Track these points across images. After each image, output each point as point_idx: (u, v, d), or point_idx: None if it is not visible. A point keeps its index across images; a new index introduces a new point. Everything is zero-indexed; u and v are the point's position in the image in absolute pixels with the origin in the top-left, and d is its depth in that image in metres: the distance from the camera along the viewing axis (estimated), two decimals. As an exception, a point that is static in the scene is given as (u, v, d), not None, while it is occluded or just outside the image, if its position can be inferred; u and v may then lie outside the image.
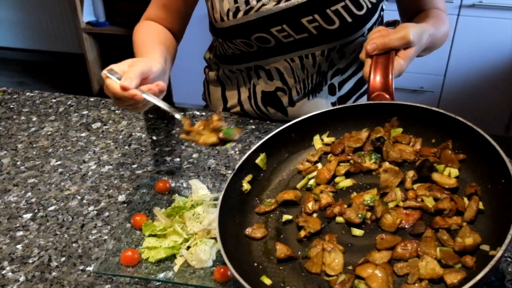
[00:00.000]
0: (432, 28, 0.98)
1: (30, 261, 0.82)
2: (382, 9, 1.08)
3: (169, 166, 1.04)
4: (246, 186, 0.81)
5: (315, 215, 0.76)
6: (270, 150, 0.85)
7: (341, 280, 0.65)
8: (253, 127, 1.18)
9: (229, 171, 1.02)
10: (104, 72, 0.83)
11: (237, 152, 1.08)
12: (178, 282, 0.76)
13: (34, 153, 1.10)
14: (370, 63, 0.89)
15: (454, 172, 0.74)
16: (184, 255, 0.80)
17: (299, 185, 0.83)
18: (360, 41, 1.08)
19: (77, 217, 0.91)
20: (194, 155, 1.08)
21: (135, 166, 1.05)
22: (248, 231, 0.76)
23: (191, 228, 0.83)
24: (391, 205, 0.72)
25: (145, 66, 0.84)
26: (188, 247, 0.81)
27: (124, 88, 0.79)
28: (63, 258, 0.82)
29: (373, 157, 0.80)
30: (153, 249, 0.81)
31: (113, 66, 0.84)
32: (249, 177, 0.82)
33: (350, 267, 0.67)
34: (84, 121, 1.21)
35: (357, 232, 0.71)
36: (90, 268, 0.80)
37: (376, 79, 0.87)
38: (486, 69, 2.62)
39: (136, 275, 0.77)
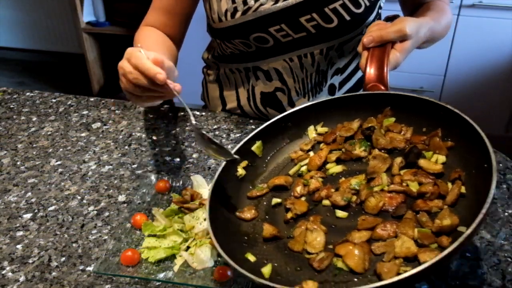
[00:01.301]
0: (431, 21, 0.99)
1: (30, 261, 0.82)
2: (380, 7, 1.09)
3: (169, 166, 1.04)
4: (240, 171, 0.85)
5: (303, 198, 0.79)
6: (268, 138, 0.88)
7: (320, 257, 0.67)
8: (253, 127, 1.18)
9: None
10: (136, 47, 0.81)
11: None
12: (178, 282, 0.76)
13: (34, 153, 1.10)
14: (366, 55, 0.91)
15: (441, 158, 0.76)
16: (185, 257, 0.80)
17: (291, 172, 0.85)
18: (359, 39, 1.08)
19: (77, 217, 0.91)
20: (194, 155, 1.08)
21: (135, 166, 1.05)
22: (238, 212, 0.80)
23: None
24: (376, 189, 0.74)
25: (171, 64, 0.84)
26: (188, 247, 0.82)
27: (158, 63, 0.77)
28: (63, 258, 0.82)
29: (363, 144, 0.82)
30: (153, 249, 0.81)
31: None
32: (244, 163, 0.85)
33: (331, 246, 0.69)
34: (84, 121, 1.22)
35: (341, 214, 0.74)
36: (90, 268, 0.80)
37: (372, 70, 0.89)
38: (486, 69, 2.62)
39: (136, 275, 0.77)
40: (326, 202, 0.77)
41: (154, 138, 1.14)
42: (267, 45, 1.06)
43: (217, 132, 1.16)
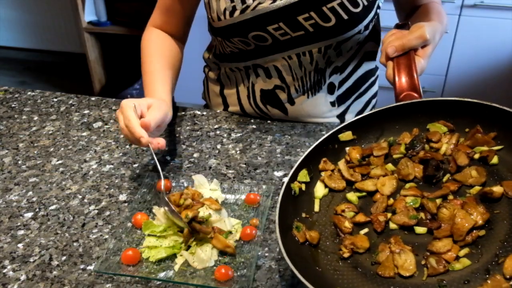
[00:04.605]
0: (439, 25, 1.01)
1: (31, 260, 0.82)
2: (378, 7, 1.09)
3: (170, 166, 1.04)
4: (296, 189, 0.81)
5: (363, 232, 0.76)
6: (313, 163, 0.85)
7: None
8: (254, 126, 1.18)
9: (230, 171, 1.02)
10: (129, 103, 0.90)
11: (238, 152, 1.08)
12: (179, 281, 0.77)
13: (35, 152, 1.10)
14: (392, 65, 0.90)
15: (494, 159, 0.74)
16: (185, 257, 0.80)
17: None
18: (356, 39, 1.08)
19: (78, 216, 0.91)
20: (195, 155, 1.08)
21: (136, 165, 1.05)
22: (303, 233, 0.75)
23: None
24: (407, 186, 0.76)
25: (162, 117, 0.94)
26: (189, 247, 0.82)
27: (145, 127, 0.88)
28: (64, 257, 0.82)
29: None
30: (153, 249, 0.81)
31: (134, 102, 0.91)
32: (297, 184, 0.82)
33: (423, 262, 0.67)
34: (85, 120, 1.22)
35: (421, 229, 0.71)
36: (91, 267, 0.80)
37: (402, 80, 0.87)
38: (487, 69, 2.62)
39: (137, 274, 0.77)
40: (393, 226, 0.74)
41: (155, 137, 1.14)
42: (265, 43, 1.07)
43: (218, 132, 1.16)
